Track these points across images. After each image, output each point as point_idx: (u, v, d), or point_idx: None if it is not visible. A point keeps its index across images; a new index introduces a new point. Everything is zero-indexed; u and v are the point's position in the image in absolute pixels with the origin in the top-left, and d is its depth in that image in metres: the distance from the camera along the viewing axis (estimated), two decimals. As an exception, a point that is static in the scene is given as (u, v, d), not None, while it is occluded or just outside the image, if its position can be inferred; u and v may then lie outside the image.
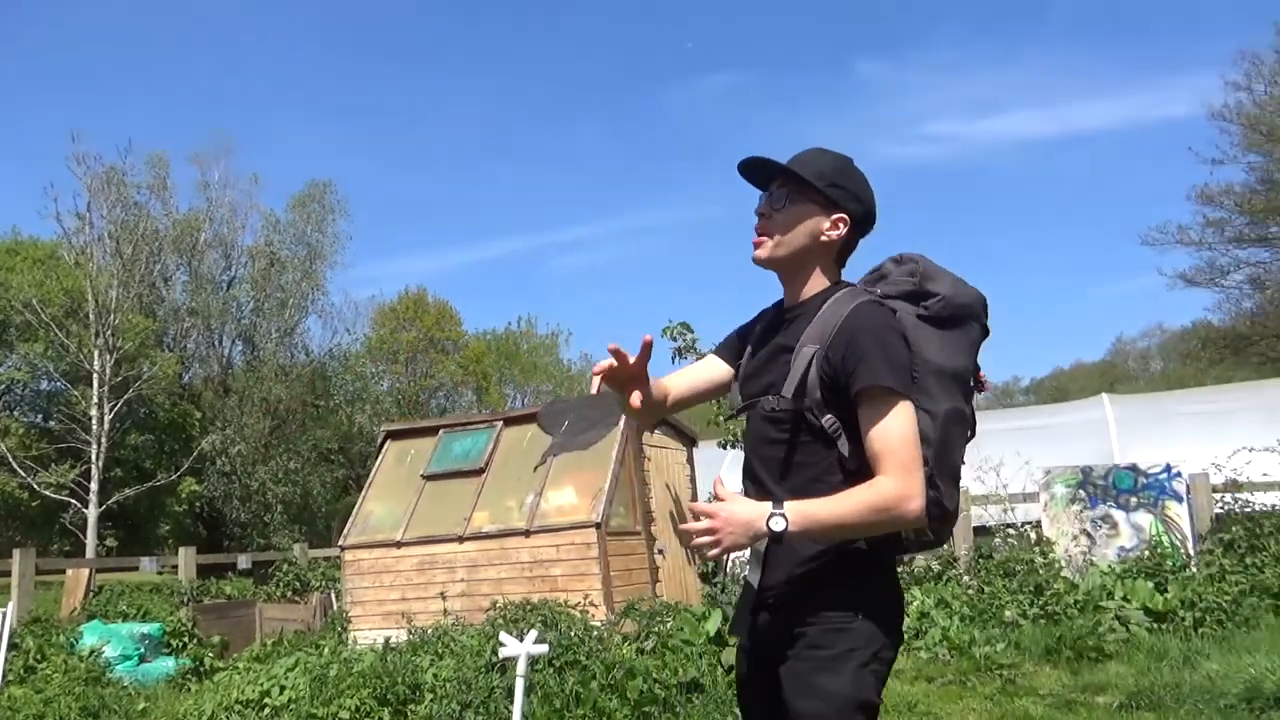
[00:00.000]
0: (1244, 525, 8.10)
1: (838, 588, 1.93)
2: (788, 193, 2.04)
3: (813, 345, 1.95)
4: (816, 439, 1.95)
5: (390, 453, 10.21)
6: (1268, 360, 22.50)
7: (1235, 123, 21.80)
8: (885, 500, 1.82)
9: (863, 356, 1.88)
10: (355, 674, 6.43)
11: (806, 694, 1.89)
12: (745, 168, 2.09)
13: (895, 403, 1.87)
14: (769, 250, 2.06)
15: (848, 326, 1.93)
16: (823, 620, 1.91)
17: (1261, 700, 5.21)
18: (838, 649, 1.89)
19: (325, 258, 28.58)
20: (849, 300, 1.99)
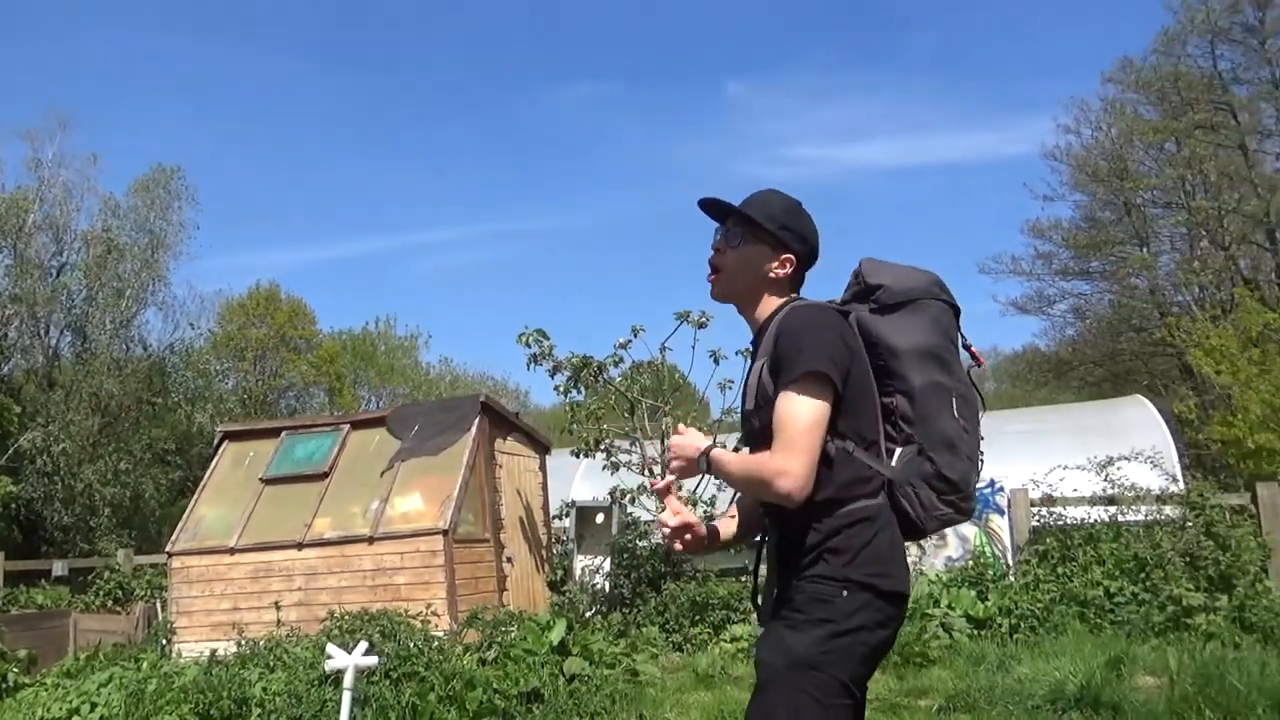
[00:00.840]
0: (1057, 537, 8.68)
1: (829, 564, 2.02)
2: (742, 233, 2.23)
3: (761, 359, 2.15)
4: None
5: (227, 454, 9.74)
6: (1085, 385, 24.30)
7: (1065, 163, 23.54)
8: (763, 470, 1.98)
9: (783, 353, 2.06)
10: (176, 689, 6.11)
11: (769, 645, 2.04)
12: (704, 206, 2.29)
13: (798, 388, 2.00)
14: (722, 287, 2.27)
15: (777, 333, 2.12)
16: (808, 590, 2.02)
17: (1064, 700, 5.60)
18: (812, 615, 2.00)
19: (169, 247, 26.96)
20: (785, 314, 2.16)
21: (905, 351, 2.12)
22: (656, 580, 9.04)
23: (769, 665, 2.00)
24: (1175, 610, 7.52)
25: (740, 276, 2.24)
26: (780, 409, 1.99)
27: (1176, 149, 20.95)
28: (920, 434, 2.09)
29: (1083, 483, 9.15)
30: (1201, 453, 14.32)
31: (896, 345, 2.12)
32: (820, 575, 2.02)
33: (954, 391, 2.14)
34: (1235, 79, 20.61)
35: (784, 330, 2.08)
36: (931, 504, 2.09)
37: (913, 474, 2.08)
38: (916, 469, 2.08)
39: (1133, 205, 22.32)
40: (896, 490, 2.08)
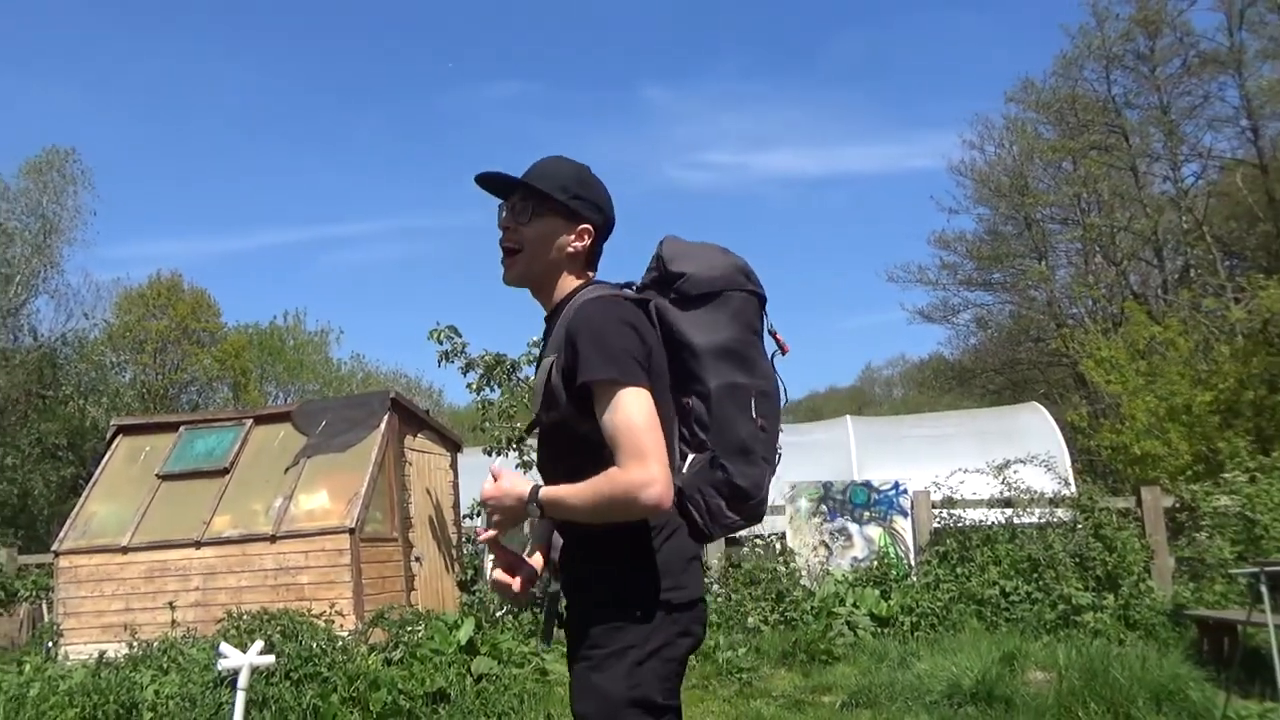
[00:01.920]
0: (956, 539, 8.98)
1: (619, 586, 1.91)
2: (531, 206, 2.01)
3: (551, 355, 1.96)
4: (585, 447, 1.90)
5: (121, 449, 9.33)
6: (987, 392, 25.19)
7: (969, 178, 24.38)
8: (616, 489, 1.80)
9: (578, 354, 1.88)
10: (60, 693, 5.83)
11: (581, 695, 1.89)
12: (484, 180, 2.06)
13: (615, 392, 1.85)
14: (520, 270, 2.05)
15: (572, 325, 1.93)
16: (602, 618, 1.90)
17: (960, 695, 5.79)
18: (613, 647, 1.87)
19: (62, 233, 25.74)
20: (582, 300, 1.98)
21: (704, 351, 1.96)
22: (567, 580, 9.01)
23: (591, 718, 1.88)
24: (1065, 609, 7.86)
25: (537, 255, 2.03)
26: (609, 420, 1.83)
27: (1073, 168, 21.89)
28: (714, 440, 1.95)
29: (982, 486, 9.48)
30: (1092, 458, 14.98)
31: (696, 344, 1.96)
32: (601, 602, 1.92)
33: (753, 390, 1.99)
34: (1127, 103, 21.66)
35: (578, 329, 1.90)
36: (720, 512, 1.96)
37: (702, 481, 1.94)
38: (707, 476, 1.95)
39: (1032, 220, 23.24)
40: (685, 498, 1.93)
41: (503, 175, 2.04)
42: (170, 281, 30.32)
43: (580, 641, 1.93)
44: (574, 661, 1.94)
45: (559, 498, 1.87)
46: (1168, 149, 20.71)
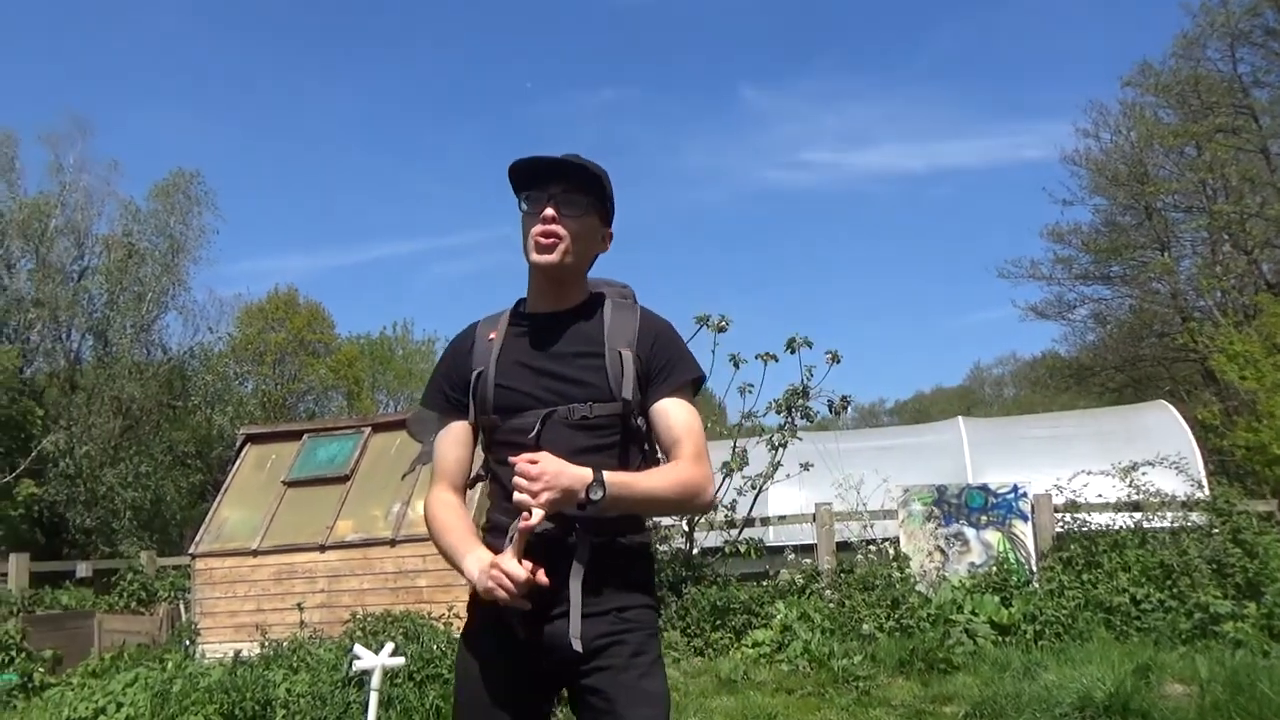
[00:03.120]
0: (1081, 544, 8.61)
1: (648, 592, 1.98)
2: (588, 202, 2.01)
3: (626, 348, 1.96)
4: (631, 441, 1.98)
5: (249, 457, 9.79)
6: (1106, 390, 24.10)
7: (1084, 167, 23.39)
8: (694, 482, 1.91)
9: (675, 353, 2.00)
10: (201, 690, 6.13)
11: (641, 701, 1.86)
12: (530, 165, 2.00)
13: (689, 396, 2.00)
14: (561, 255, 1.98)
15: (651, 327, 2.02)
16: (642, 625, 1.93)
17: (1092, 708, 5.54)
18: (654, 653, 1.93)
19: (188, 252, 27.17)
20: (631, 306, 2.08)
21: None
22: (677, 584, 9.02)
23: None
24: (1203, 618, 7.44)
25: (580, 249, 2.01)
26: (684, 416, 1.96)
27: (1197, 153, 20.78)
28: None
29: (1106, 488, 9.08)
30: (1225, 459, 14.17)
31: None
32: (646, 605, 1.96)
33: None
34: (1256, 82, 20.45)
35: (662, 331, 2.02)
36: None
37: None
38: None
39: (1153, 209, 22.15)
40: None
41: (558, 160, 1.99)
42: (287, 295, 31.69)
43: (615, 646, 1.88)
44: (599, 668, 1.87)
45: (629, 481, 1.85)
46: (1302, 128, 19.49)
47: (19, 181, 25.56)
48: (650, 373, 1.97)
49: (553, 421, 1.94)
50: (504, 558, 1.81)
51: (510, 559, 1.80)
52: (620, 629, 1.90)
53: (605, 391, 1.94)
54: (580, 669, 1.89)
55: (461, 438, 2.10)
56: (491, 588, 1.80)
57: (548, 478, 1.79)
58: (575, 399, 1.94)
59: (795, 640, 7.65)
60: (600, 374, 1.95)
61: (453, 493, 2.13)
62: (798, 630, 7.82)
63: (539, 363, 1.99)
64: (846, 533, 9.59)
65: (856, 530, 9.56)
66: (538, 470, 1.80)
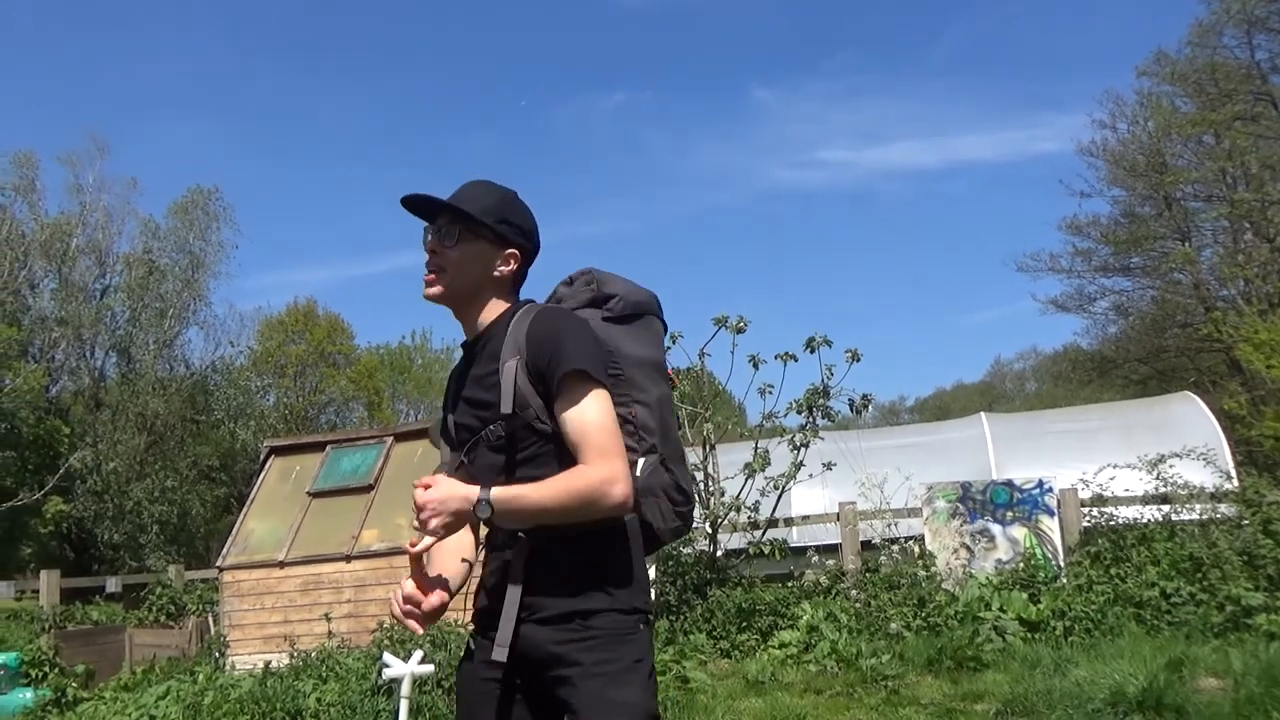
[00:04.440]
0: (1109, 538, 8.52)
1: (615, 594, 1.90)
2: (459, 230, 2.02)
3: (513, 358, 1.95)
4: (545, 446, 1.93)
5: (274, 469, 9.86)
6: (1130, 383, 23.89)
7: (1101, 158, 23.21)
8: (587, 486, 1.82)
9: (558, 346, 1.91)
10: (232, 701, 6.19)
11: (606, 712, 1.82)
12: (411, 204, 2.04)
13: (590, 389, 1.90)
14: (443, 287, 2.03)
15: (537, 329, 1.96)
16: (606, 630, 1.87)
17: (1125, 704, 5.49)
18: (627, 660, 1.86)
19: (208, 267, 27.47)
20: (531, 312, 2.03)
21: (645, 362, 2.07)
22: (702, 587, 9.01)
23: None
24: (1235, 610, 7.34)
25: (463, 276, 2.03)
26: (578, 415, 1.88)
27: (1216, 141, 20.58)
28: (661, 445, 2.03)
29: (1133, 482, 8.98)
30: (1254, 449, 14.01)
31: (640, 356, 2.07)
32: (611, 609, 1.89)
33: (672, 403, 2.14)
34: (1274, 68, 20.23)
35: (545, 330, 1.95)
36: (670, 515, 2.03)
37: (656, 485, 2.01)
38: (660, 480, 2.02)
39: (1172, 199, 21.95)
40: (641, 501, 1.97)
41: (428, 198, 2.03)
42: (306, 307, 31.93)
43: (577, 653, 1.85)
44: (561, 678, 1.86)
45: (516, 495, 1.83)
46: (1322, 114, 19.26)
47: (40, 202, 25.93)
48: (541, 377, 1.93)
49: (479, 447, 2.00)
50: (405, 583, 1.88)
51: (407, 581, 1.88)
52: (582, 635, 1.86)
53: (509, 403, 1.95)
54: (549, 679, 1.88)
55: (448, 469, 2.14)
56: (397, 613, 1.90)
57: (434, 504, 1.81)
58: (489, 421, 1.97)
59: (822, 640, 7.62)
60: (496, 391, 1.96)
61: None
62: (824, 630, 7.79)
63: (467, 392, 2.05)
64: (870, 532, 9.54)
65: (880, 529, 9.51)
66: (424, 498, 1.82)
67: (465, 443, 2.03)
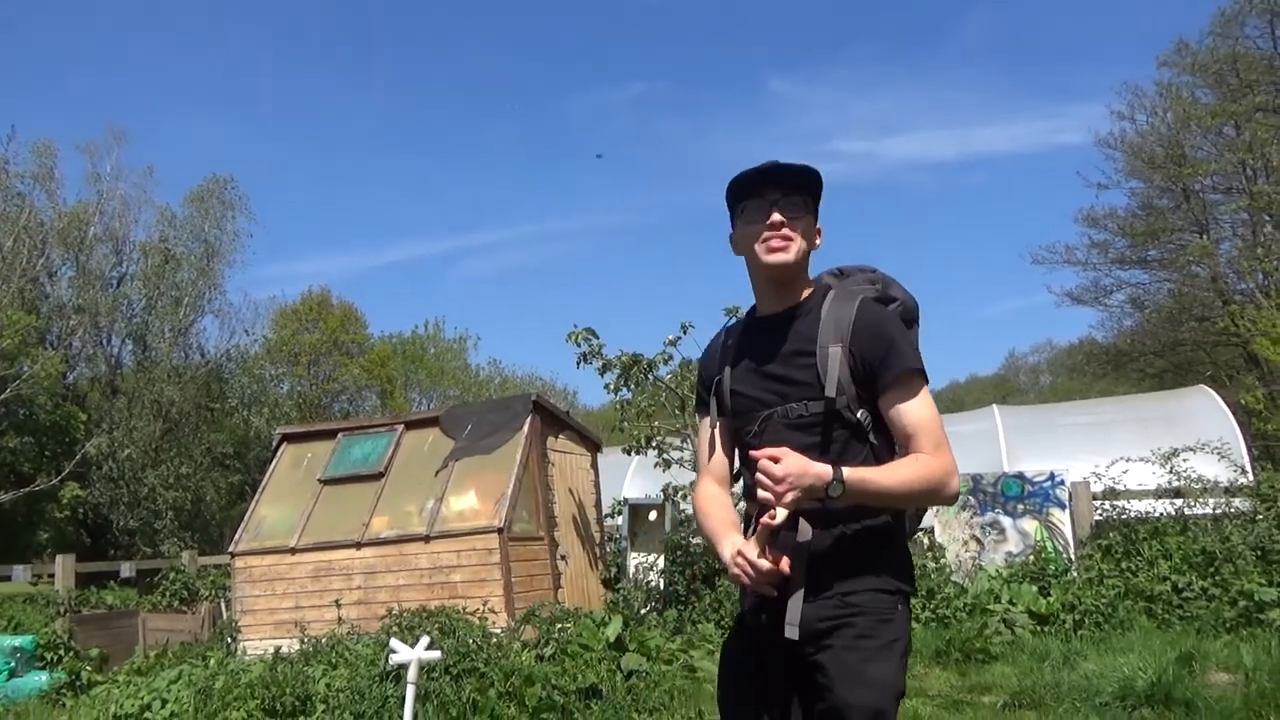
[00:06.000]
0: (1121, 531, 8.49)
1: (883, 576, 2.00)
2: (804, 202, 2.10)
3: (836, 345, 2.02)
4: (851, 435, 2.01)
5: (286, 456, 9.90)
6: (1145, 376, 23.70)
7: (1119, 150, 22.97)
8: (934, 474, 1.94)
9: (891, 344, 2.01)
10: (242, 685, 6.22)
11: (858, 683, 1.91)
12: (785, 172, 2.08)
13: (923, 385, 2.02)
14: (793, 256, 2.08)
15: (865, 321, 2.03)
16: (870, 610, 1.96)
17: (1134, 697, 5.46)
18: (884, 639, 1.95)
19: (223, 256, 27.56)
20: (848, 297, 2.09)
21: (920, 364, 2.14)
22: (710, 577, 9.02)
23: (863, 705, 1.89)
24: (1247, 605, 7.30)
25: (803, 247, 2.11)
26: (917, 409, 1.98)
27: (1236, 133, 20.34)
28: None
29: (1146, 475, 8.94)
30: (1271, 444, 13.90)
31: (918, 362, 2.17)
32: (878, 588, 1.98)
33: None
34: (1297, 58, 19.97)
35: (878, 323, 2.03)
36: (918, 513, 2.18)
37: None
38: None
39: (1191, 192, 21.72)
40: None
41: (803, 167, 2.09)
42: (320, 297, 32.02)
43: (840, 628, 1.95)
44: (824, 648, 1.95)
45: (866, 478, 1.91)
46: (1345, 105, 19.00)
47: (58, 191, 26.05)
48: (869, 370, 2.01)
49: (772, 422, 2.05)
50: (748, 547, 1.93)
51: (754, 550, 1.91)
52: (845, 613, 1.95)
53: (816, 389, 2.02)
54: (808, 650, 1.97)
55: (718, 436, 2.21)
56: (737, 574, 1.94)
57: (792, 478, 1.86)
58: (792, 398, 2.04)
59: (830, 632, 7.60)
60: (811, 372, 2.02)
61: (716, 484, 2.23)
62: (833, 622, 7.77)
63: (765, 366, 2.10)
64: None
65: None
66: (782, 470, 1.87)
67: (747, 413, 2.09)
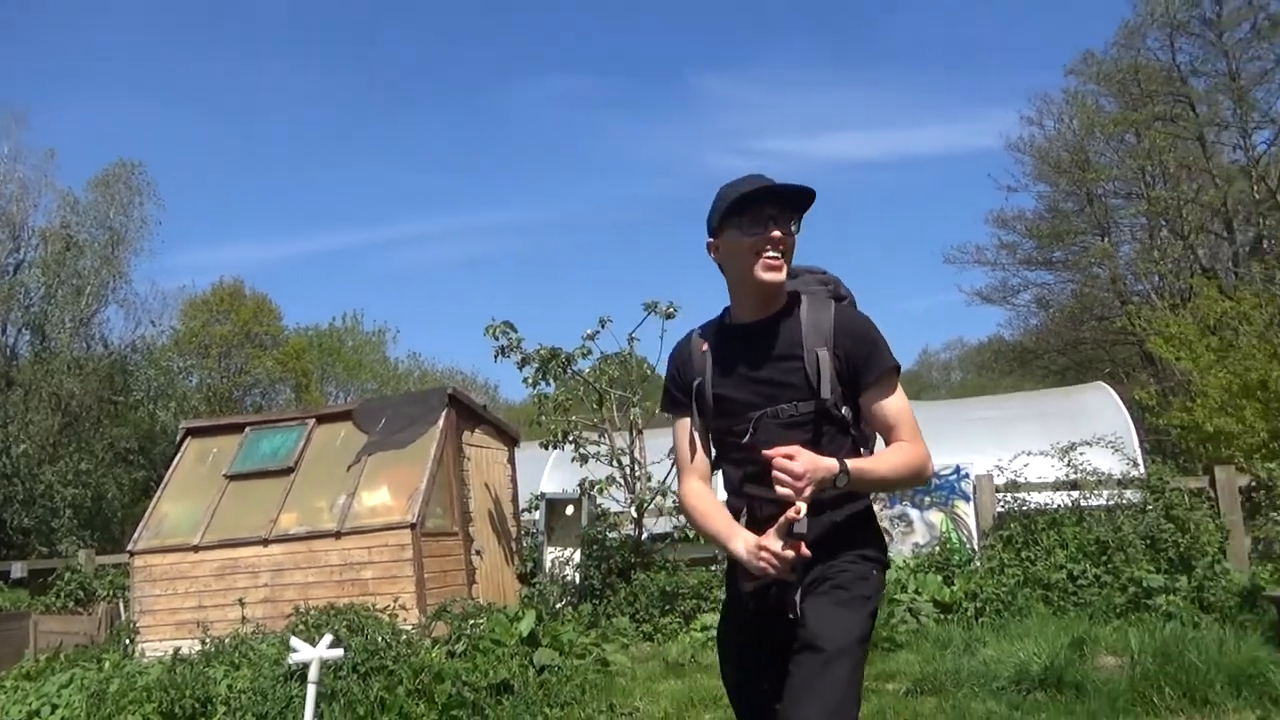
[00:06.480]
0: (1021, 522, 8.79)
1: (864, 546, 2.23)
2: (796, 219, 2.25)
3: (822, 348, 2.19)
4: (837, 430, 2.20)
5: (190, 451, 9.60)
6: (1050, 373, 24.59)
7: (1028, 154, 23.76)
8: (918, 460, 2.17)
9: (874, 344, 2.22)
10: (139, 689, 6.02)
11: (829, 621, 2.10)
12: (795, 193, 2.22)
13: (897, 381, 2.23)
14: (785, 273, 2.24)
15: (845, 325, 2.22)
16: (851, 570, 2.18)
17: (1029, 681, 5.66)
18: (859, 592, 2.17)
19: (130, 243, 26.48)
20: (821, 304, 2.26)
21: None
22: (627, 570, 9.05)
23: (831, 638, 2.08)
24: (1136, 591, 7.65)
25: (791, 261, 2.27)
26: (897, 403, 2.20)
27: (1137, 140, 21.20)
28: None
29: (1046, 468, 9.26)
30: (1162, 438, 14.54)
31: None
32: (861, 555, 2.21)
33: None
34: (1194, 71, 20.85)
35: (855, 326, 2.23)
36: None
37: None
38: None
39: (1094, 196, 22.59)
40: None
41: (807, 189, 2.23)
42: (232, 287, 31.09)
43: (823, 581, 2.16)
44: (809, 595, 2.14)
45: (865, 467, 2.13)
46: (1237, 116, 19.90)
47: (-51, 173, 24.73)
48: (852, 370, 2.19)
49: (763, 422, 2.20)
50: (770, 541, 2.04)
51: (776, 542, 2.04)
52: (829, 573, 2.16)
53: (806, 391, 2.18)
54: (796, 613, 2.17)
55: (696, 435, 2.34)
56: (764, 567, 2.05)
57: (810, 474, 2.01)
58: (781, 400, 2.20)
59: (743, 623, 7.70)
60: (800, 374, 2.19)
61: (702, 483, 2.35)
62: (745, 613, 7.87)
63: (748, 370, 2.24)
64: (794, 516, 9.65)
65: (804, 514, 9.63)
66: (801, 467, 2.01)
67: (734, 414, 2.23)
